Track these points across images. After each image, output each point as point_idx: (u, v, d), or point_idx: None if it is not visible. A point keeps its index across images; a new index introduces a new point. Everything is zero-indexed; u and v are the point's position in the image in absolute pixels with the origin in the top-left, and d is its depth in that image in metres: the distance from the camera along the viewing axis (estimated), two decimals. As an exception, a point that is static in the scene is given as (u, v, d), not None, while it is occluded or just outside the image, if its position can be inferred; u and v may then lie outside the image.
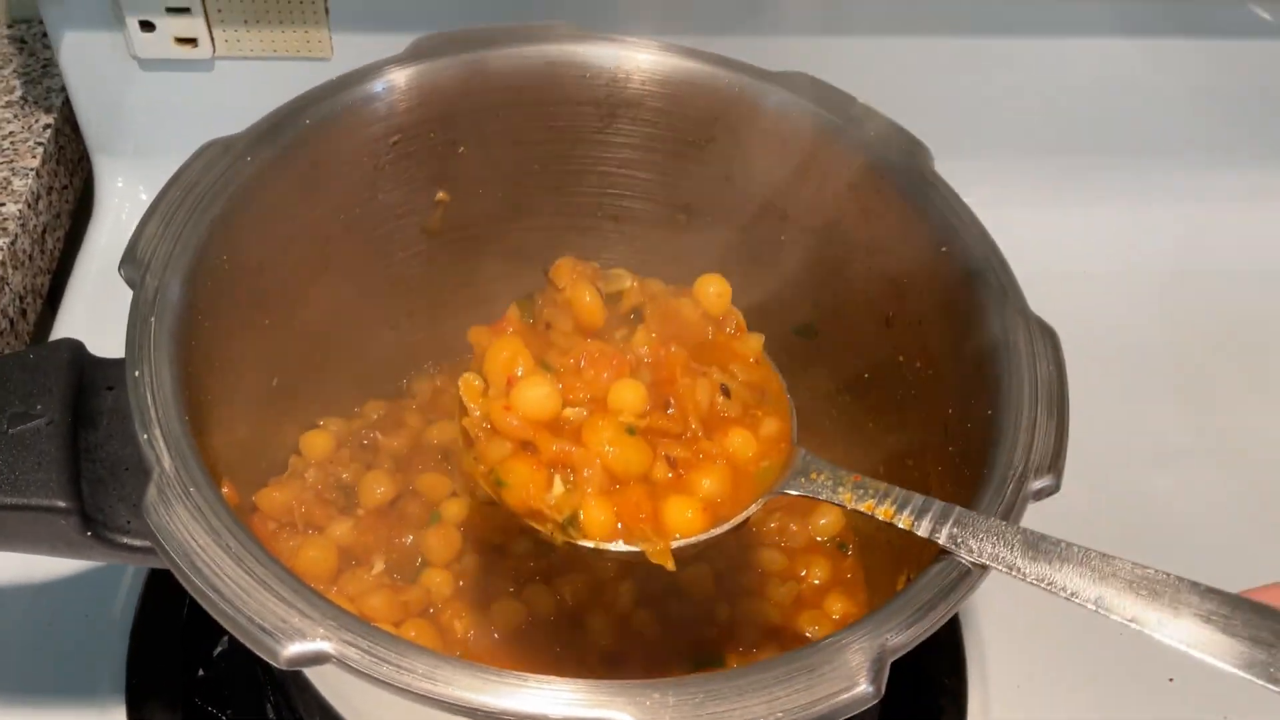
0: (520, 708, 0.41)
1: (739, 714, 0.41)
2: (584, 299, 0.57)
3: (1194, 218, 1.01)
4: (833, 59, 0.68)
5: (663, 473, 0.54)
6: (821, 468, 0.54)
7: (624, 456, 0.53)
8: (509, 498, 0.53)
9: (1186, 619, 0.44)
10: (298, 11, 0.84)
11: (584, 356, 0.55)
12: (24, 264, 0.86)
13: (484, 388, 0.55)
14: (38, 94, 0.93)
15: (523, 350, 0.55)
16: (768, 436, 0.56)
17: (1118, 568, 0.45)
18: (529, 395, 0.54)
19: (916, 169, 0.61)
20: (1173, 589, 0.44)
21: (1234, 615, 0.43)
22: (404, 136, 0.65)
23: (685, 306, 0.59)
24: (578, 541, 0.53)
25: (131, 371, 0.49)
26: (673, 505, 0.53)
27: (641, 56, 0.66)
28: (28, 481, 0.49)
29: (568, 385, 0.55)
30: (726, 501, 0.54)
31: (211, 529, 0.44)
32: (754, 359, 0.59)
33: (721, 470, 0.54)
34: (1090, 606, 0.45)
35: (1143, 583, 0.45)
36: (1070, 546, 0.47)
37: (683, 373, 0.56)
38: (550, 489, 0.53)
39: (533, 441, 0.53)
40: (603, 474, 0.53)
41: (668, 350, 0.57)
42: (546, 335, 0.57)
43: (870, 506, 0.51)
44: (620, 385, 0.55)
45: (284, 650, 0.42)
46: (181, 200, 0.55)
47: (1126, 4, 0.89)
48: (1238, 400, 0.90)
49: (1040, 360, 0.54)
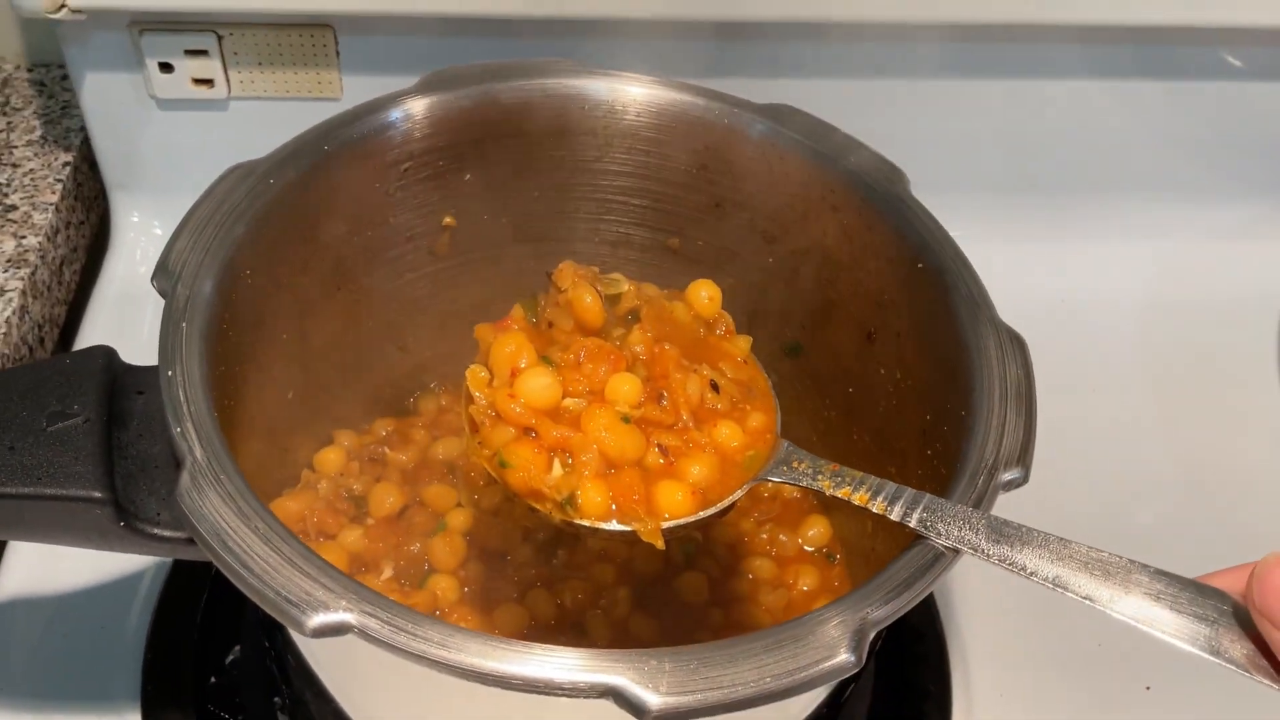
0: (527, 673, 0.44)
1: (730, 678, 0.44)
2: (584, 300, 0.61)
3: (1165, 253, 1.03)
4: (817, 101, 0.71)
5: (655, 459, 0.57)
6: (802, 457, 0.58)
7: (619, 443, 0.56)
8: (511, 478, 0.56)
9: (1136, 596, 0.46)
10: (309, 54, 0.88)
11: (583, 351, 0.58)
12: (43, 294, 0.90)
13: (489, 378, 0.58)
14: (57, 133, 0.97)
15: (526, 344, 0.58)
16: (754, 429, 0.59)
17: (1074, 550, 0.48)
18: (532, 384, 0.57)
19: (894, 192, 0.65)
20: (1124, 570, 0.47)
21: (1180, 594, 0.46)
22: (415, 164, 0.68)
23: (678, 309, 0.62)
24: (575, 520, 0.55)
25: (165, 371, 0.52)
26: (664, 489, 0.56)
27: (637, 90, 0.69)
28: (67, 474, 0.51)
29: (568, 379, 0.58)
30: (714, 487, 0.57)
31: (241, 513, 0.47)
32: (742, 359, 0.63)
33: (710, 458, 0.57)
34: (1048, 585, 0.48)
35: (1097, 564, 0.47)
36: (1031, 531, 0.49)
37: (675, 369, 0.59)
38: (550, 471, 0.56)
39: (534, 427, 0.56)
40: (599, 458, 0.56)
41: (661, 348, 0.60)
42: (549, 333, 0.61)
43: (847, 493, 0.54)
44: (617, 378, 0.58)
45: (310, 621, 0.44)
46: (209, 218, 0.58)
47: (1100, 48, 0.92)
48: (1210, 430, 0.92)
49: (1010, 364, 0.57)
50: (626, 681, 0.44)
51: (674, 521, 0.56)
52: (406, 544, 0.71)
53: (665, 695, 0.44)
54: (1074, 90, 0.95)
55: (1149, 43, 0.92)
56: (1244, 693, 0.75)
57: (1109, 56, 0.93)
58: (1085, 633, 0.79)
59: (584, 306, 0.61)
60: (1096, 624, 0.77)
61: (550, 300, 0.62)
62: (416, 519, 0.72)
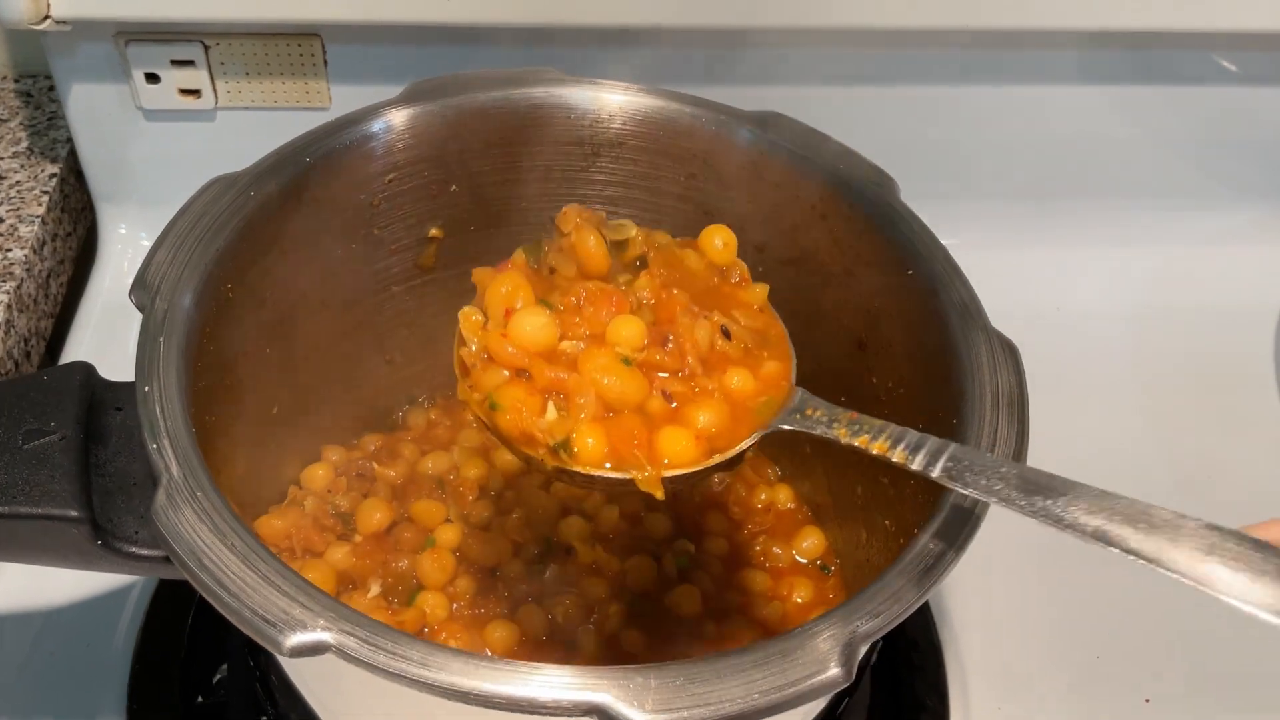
0: (510, 692, 0.43)
1: (717, 694, 0.43)
2: (588, 243, 0.57)
3: (1159, 259, 1.03)
4: (806, 108, 0.70)
5: (659, 405, 0.54)
6: (818, 405, 0.54)
7: (619, 386, 0.53)
8: (502, 422, 0.53)
9: (1187, 550, 0.42)
10: (297, 63, 0.87)
11: (584, 294, 0.55)
12: (29, 307, 0.89)
13: (483, 322, 0.55)
14: (44, 145, 0.97)
15: (523, 284, 0.55)
16: (767, 375, 0.56)
17: (1117, 501, 0.44)
18: (526, 324, 0.54)
19: (884, 199, 0.64)
20: (1173, 523, 0.43)
21: (1238, 548, 0.42)
22: (399, 175, 0.68)
23: (690, 257, 0.59)
24: (569, 467, 0.52)
25: (141, 387, 0.51)
26: (668, 435, 0.53)
27: (623, 98, 0.69)
28: (42, 492, 0.51)
29: (567, 323, 0.55)
30: (723, 434, 0.54)
31: (217, 530, 0.47)
32: (758, 307, 0.59)
33: (718, 404, 0.54)
34: (1089, 538, 0.44)
35: (1142, 516, 0.43)
36: (1068, 481, 0.46)
37: (683, 314, 0.56)
38: (544, 414, 0.53)
39: (528, 369, 0.53)
40: (597, 402, 0.53)
41: (669, 293, 0.56)
42: (551, 280, 0.57)
43: (865, 442, 0.51)
44: (619, 320, 0.54)
45: (287, 640, 0.44)
46: (189, 231, 0.58)
47: (1093, 53, 0.92)
48: (1206, 437, 0.92)
49: (1002, 371, 0.56)
50: (611, 699, 0.43)
51: (677, 471, 0.53)
52: (395, 560, 0.70)
53: (651, 713, 0.43)
54: (1065, 96, 0.94)
55: (1142, 48, 0.91)
56: (1244, 706, 0.76)
57: (1102, 62, 0.93)
58: (1084, 644, 0.78)
59: (587, 250, 0.57)
60: (1096, 636, 0.78)
61: (554, 245, 0.58)
62: (405, 535, 0.72)
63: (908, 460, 0.49)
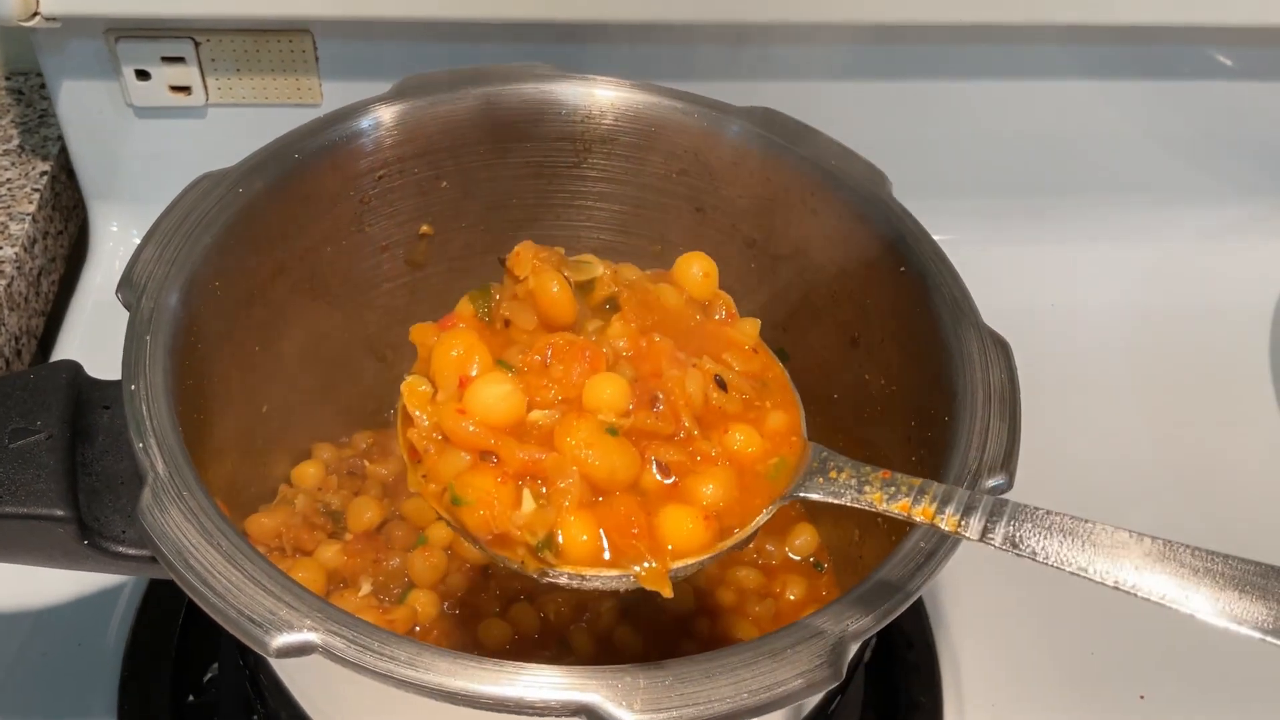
0: (498, 692, 0.43)
1: (706, 694, 0.43)
2: (549, 289, 0.49)
3: (1153, 255, 1.03)
4: (797, 103, 0.70)
5: (654, 481, 0.46)
6: (841, 464, 0.47)
7: (606, 461, 0.45)
8: (469, 519, 0.45)
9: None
10: (288, 60, 0.87)
11: (550, 350, 0.47)
12: (19, 306, 0.89)
13: (431, 393, 0.47)
14: (35, 142, 0.96)
15: (476, 344, 0.47)
16: (774, 431, 0.49)
17: (1179, 554, 0.41)
18: (486, 394, 0.46)
19: (876, 194, 0.64)
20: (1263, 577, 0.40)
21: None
22: (389, 171, 0.67)
23: (666, 293, 0.52)
24: (555, 568, 0.45)
25: (128, 385, 0.51)
26: (670, 517, 0.45)
27: (614, 94, 0.68)
28: (28, 492, 0.50)
29: (533, 386, 0.47)
30: (733, 508, 0.47)
31: (203, 529, 0.46)
32: (751, 346, 0.52)
33: (724, 473, 0.46)
34: (1155, 600, 0.41)
35: (1228, 578, 0.41)
36: (1142, 539, 0.42)
37: (669, 364, 0.48)
38: (519, 505, 0.45)
39: (494, 450, 0.45)
40: (581, 484, 0.45)
41: (650, 340, 0.49)
42: (505, 333, 0.50)
43: (905, 507, 0.44)
44: (597, 380, 0.46)
45: (273, 641, 0.43)
46: (176, 228, 0.58)
47: (1086, 48, 0.92)
48: (1200, 434, 0.92)
49: (993, 368, 0.56)
50: (600, 699, 0.43)
51: (685, 560, 0.46)
52: (386, 559, 0.70)
53: (640, 713, 0.43)
54: (1058, 91, 0.94)
55: (1135, 42, 0.91)
56: (1239, 701, 0.75)
57: (1095, 56, 0.93)
58: (1078, 641, 0.78)
59: (550, 298, 0.49)
60: (1090, 632, 0.78)
61: (506, 292, 0.51)
62: (396, 533, 0.71)
63: (960, 527, 0.43)
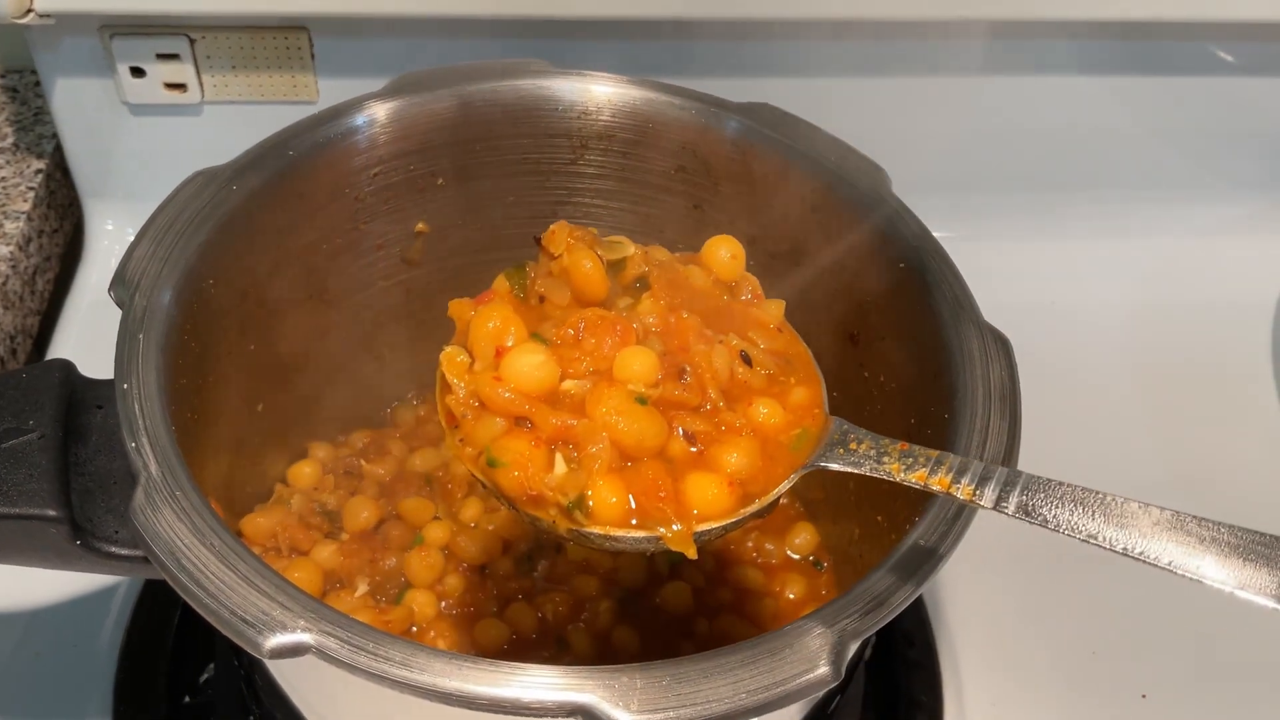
0: (494, 692, 0.43)
1: (704, 694, 0.43)
2: (583, 266, 0.51)
3: (1154, 251, 1.02)
4: (796, 99, 0.69)
5: (681, 449, 0.48)
6: (862, 436, 0.49)
7: (635, 428, 0.47)
8: (504, 480, 0.47)
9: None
10: (284, 57, 0.87)
11: (583, 324, 0.49)
12: (14, 305, 0.88)
13: (469, 362, 0.50)
14: (29, 140, 0.96)
15: (512, 316, 0.50)
16: (797, 405, 0.51)
17: (1189, 525, 0.42)
18: (521, 362, 0.48)
19: (875, 191, 0.64)
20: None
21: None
22: (384, 168, 0.67)
23: (695, 274, 0.54)
24: (586, 529, 0.47)
25: (120, 384, 0.50)
26: (696, 483, 0.47)
27: (611, 90, 0.68)
28: (20, 492, 0.50)
29: (566, 358, 0.49)
30: (757, 477, 0.49)
31: (196, 529, 0.46)
32: (776, 326, 0.54)
33: (749, 443, 0.49)
34: (1163, 566, 0.42)
35: (1234, 546, 0.41)
36: (1149, 509, 0.43)
37: (697, 339, 0.50)
38: (552, 468, 0.47)
39: (528, 416, 0.47)
40: (611, 449, 0.47)
41: (679, 317, 0.51)
42: (540, 309, 0.52)
43: (922, 477, 0.46)
44: (627, 353, 0.49)
45: (266, 642, 0.43)
46: (169, 226, 0.57)
47: (1087, 44, 0.91)
48: (1202, 428, 0.91)
49: (993, 365, 0.56)
50: (596, 699, 0.42)
51: (709, 524, 0.48)
52: (382, 559, 0.70)
53: (637, 713, 0.43)
54: (1058, 87, 0.94)
55: (1136, 38, 0.91)
56: (1240, 701, 0.75)
57: (1096, 52, 0.92)
58: (1080, 639, 0.78)
59: (583, 274, 0.51)
60: (1091, 631, 0.77)
61: (541, 270, 0.53)
62: (393, 533, 0.71)
63: (975, 496, 0.45)
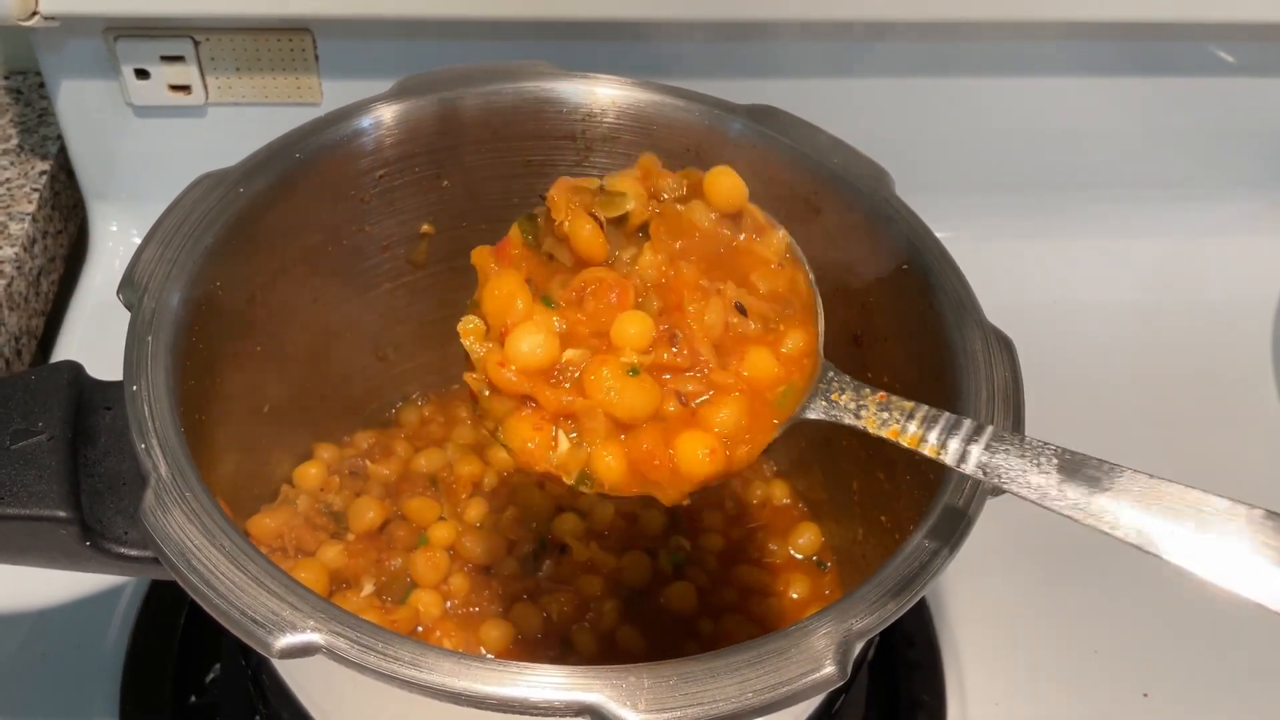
0: (502, 692, 0.43)
1: (711, 694, 0.43)
2: (583, 231, 0.53)
3: (1156, 252, 1.03)
4: (799, 101, 0.69)
5: (675, 408, 0.51)
6: (844, 385, 0.51)
7: (627, 401, 0.50)
8: (517, 460, 0.51)
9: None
10: (288, 59, 0.87)
11: (587, 286, 0.52)
12: (19, 306, 0.88)
13: (484, 330, 0.52)
14: (34, 142, 0.96)
15: (521, 289, 0.52)
16: (790, 354, 0.53)
17: (1167, 492, 0.41)
18: (524, 343, 0.51)
19: (879, 193, 0.64)
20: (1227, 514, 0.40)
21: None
22: (390, 170, 0.67)
23: (696, 211, 0.55)
24: (596, 491, 0.51)
25: (130, 385, 0.51)
26: (686, 444, 0.50)
27: (615, 92, 0.68)
28: (30, 493, 0.50)
29: (570, 319, 0.52)
30: (741, 435, 0.51)
31: (206, 530, 0.46)
32: (777, 261, 0.55)
33: (737, 402, 0.51)
34: (1131, 540, 0.41)
35: (1193, 510, 0.41)
36: (1116, 469, 0.43)
37: (691, 296, 0.52)
38: (555, 447, 0.50)
39: (533, 395, 0.51)
40: (607, 423, 0.50)
41: (677, 270, 0.53)
42: (551, 264, 0.54)
43: (895, 433, 0.49)
44: (624, 318, 0.51)
45: (276, 642, 0.43)
46: (177, 228, 0.57)
47: (1088, 45, 0.92)
48: (1203, 427, 0.92)
49: (997, 366, 0.56)
50: (604, 699, 0.43)
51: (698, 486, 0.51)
52: (388, 559, 0.70)
53: (644, 713, 0.43)
54: (1062, 87, 0.94)
55: (1137, 38, 0.91)
56: (1242, 699, 0.75)
57: (1097, 53, 0.93)
58: (1082, 639, 0.78)
59: (583, 239, 0.53)
60: (1093, 631, 0.78)
61: (545, 232, 0.54)
62: (398, 533, 0.71)
63: (940, 453, 0.47)
